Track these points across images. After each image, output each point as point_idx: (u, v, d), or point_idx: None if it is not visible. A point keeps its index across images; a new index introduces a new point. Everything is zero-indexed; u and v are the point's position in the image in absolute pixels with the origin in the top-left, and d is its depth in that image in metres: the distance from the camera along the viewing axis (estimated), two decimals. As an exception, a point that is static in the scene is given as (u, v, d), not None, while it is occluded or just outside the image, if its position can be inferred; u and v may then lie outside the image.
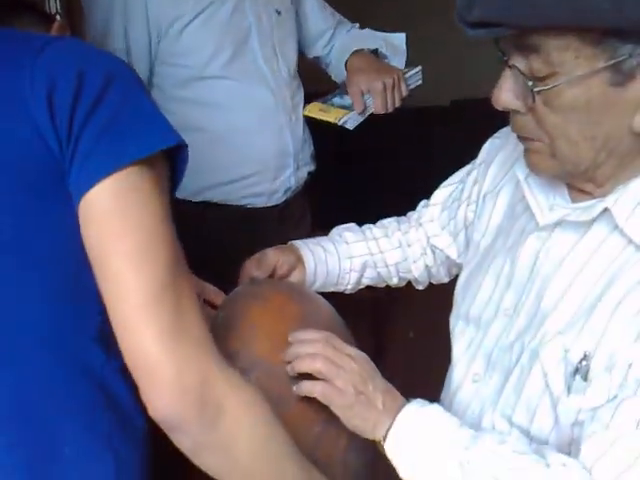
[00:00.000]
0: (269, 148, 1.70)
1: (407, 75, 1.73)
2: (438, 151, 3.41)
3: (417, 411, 0.91)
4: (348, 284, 1.31)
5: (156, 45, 1.60)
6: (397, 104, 1.70)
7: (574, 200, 0.95)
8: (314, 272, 1.25)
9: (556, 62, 0.81)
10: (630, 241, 0.88)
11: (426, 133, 3.47)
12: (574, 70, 0.81)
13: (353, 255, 1.30)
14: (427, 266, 1.32)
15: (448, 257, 1.27)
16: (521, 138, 0.93)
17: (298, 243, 1.27)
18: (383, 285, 1.37)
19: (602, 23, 0.78)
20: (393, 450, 0.91)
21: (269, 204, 1.75)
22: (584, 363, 0.86)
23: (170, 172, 0.85)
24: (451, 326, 1.11)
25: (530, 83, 0.84)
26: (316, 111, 1.73)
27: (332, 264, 1.27)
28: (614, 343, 0.85)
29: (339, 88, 1.79)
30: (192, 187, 1.66)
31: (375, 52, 1.80)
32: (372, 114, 1.71)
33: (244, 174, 1.70)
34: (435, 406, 0.93)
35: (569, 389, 0.87)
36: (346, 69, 1.76)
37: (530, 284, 0.97)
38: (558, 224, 0.95)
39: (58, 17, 1.77)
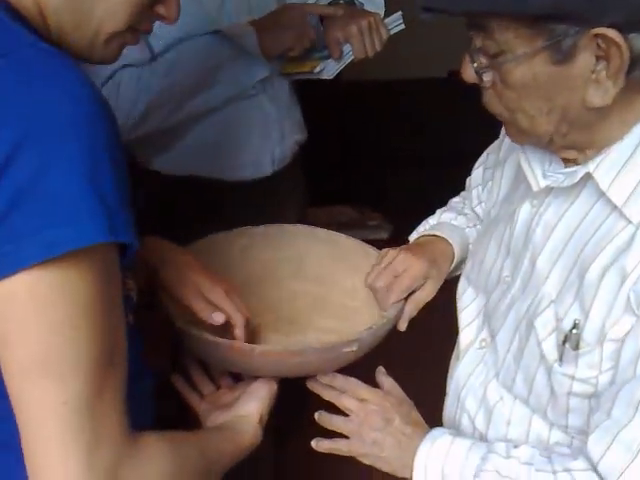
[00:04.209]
0: (248, 115, 1.67)
1: (386, 20, 1.69)
2: (434, 123, 3.35)
3: (428, 452, 0.99)
4: None
5: None
6: (378, 48, 1.65)
7: (567, 167, 0.96)
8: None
9: (501, 41, 0.85)
10: (615, 207, 0.88)
11: (423, 105, 3.41)
12: (517, 49, 0.85)
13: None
14: None
15: None
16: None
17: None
18: None
19: (514, 10, 0.81)
20: None
21: (255, 176, 1.72)
22: (574, 332, 0.88)
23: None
24: (459, 289, 1.14)
25: (480, 61, 0.89)
26: (292, 67, 1.69)
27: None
28: (603, 313, 0.86)
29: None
30: (171, 161, 1.64)
31: (351, 3, 1.76)
32: (352, 61, 1.66)
33: (225, 144, 1.66)
34: (443, 439, 1.00)
35: (561, 358, 0.90)
36: (322, 25, 1.71)
37: (525, 251, 0.99)
38: (550, 190, 0.96)
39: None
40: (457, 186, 1.37)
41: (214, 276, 1.06)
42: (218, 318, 1.04)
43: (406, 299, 1.16)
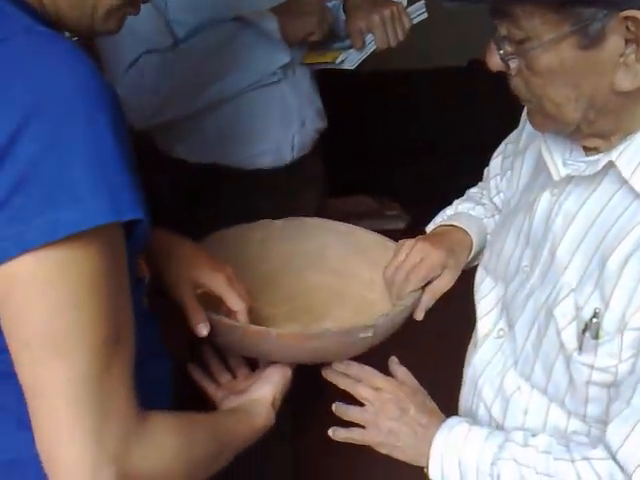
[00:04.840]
0: (269, 102, 1.67)
1: (409, 9, 1.67)
2: (454, 113, 3.34)
3: (445, 441, 1.00)
4: None
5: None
6: (400, 37, 1.64)
7: (588, 155, 0.96)
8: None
9: (527, 27, 0.85)
10: (637, 196, 0.87)
11: (443, 94, 3.40)
12: (543, 35, 0.84)
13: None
14: None
15: None
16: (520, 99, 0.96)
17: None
18: None
19: None
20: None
21: (275, 164, 1.72)
22: (594, 321, 0.88)
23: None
24: (477, 279, 1.14)
25: (506, 49, 0.88)
26: (314, 57, 1.70)
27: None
28: (624, 302, 0.86)
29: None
30: (192, 149, 1.65)
31: None
32: (375, 51, 1.66)
33: (245, 132, 1.67)
34: (460, 427, 1.01)
35: (580, 347, 0.90)
36: (344, 14, 1.72)
37: (544, 241, 0.98)
38: (570, 179, 0.96)
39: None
40: (475, 176, 1.36)
41: (216, 264, 1.05)
42: (202, 331, 1.01)
43: (424, 289, 1.16)
